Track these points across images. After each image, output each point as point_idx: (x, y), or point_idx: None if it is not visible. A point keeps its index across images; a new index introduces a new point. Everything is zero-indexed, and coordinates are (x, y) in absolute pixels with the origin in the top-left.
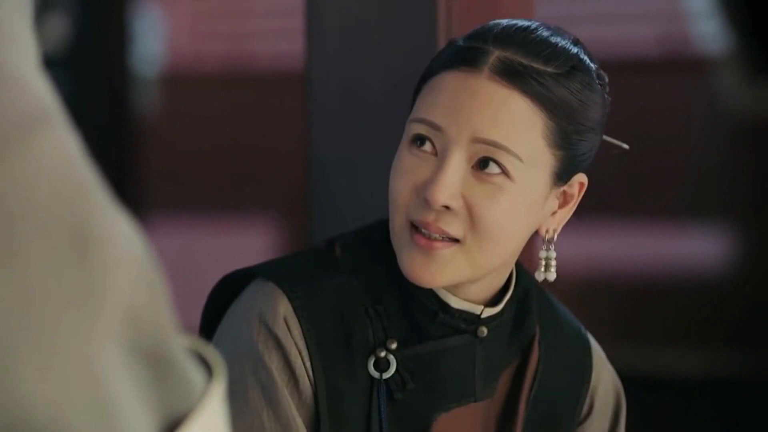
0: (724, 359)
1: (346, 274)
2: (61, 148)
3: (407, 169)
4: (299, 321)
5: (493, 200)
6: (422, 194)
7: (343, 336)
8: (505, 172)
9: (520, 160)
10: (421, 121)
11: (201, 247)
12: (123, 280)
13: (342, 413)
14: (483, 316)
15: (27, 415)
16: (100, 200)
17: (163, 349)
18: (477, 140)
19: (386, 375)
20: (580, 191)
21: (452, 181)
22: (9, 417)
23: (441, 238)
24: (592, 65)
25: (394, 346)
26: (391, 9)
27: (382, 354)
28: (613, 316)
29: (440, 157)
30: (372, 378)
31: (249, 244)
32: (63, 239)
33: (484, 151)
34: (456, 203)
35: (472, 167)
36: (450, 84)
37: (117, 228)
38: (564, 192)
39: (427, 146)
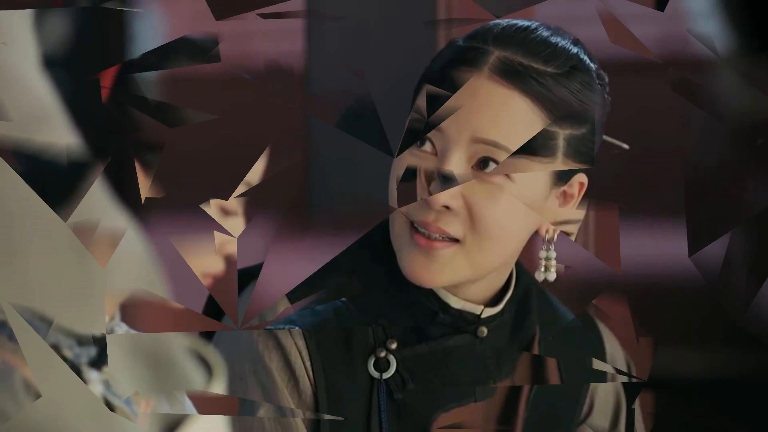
0: (724, 359)
1: (347, 274)
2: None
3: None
4: None
5: (493, 200)
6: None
7: (343, 336)
8: None
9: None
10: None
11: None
12: (123, 280)
13: (342, 413)
14: (483, 316)
15: (27, 414)
16: (100, 200)
17: (163, 349)
18: (477, 140)
19: (386, 375)
20: (580, 191)
21: None
22: (9, 417)
23: (441, 238)
24: (592, 65)
25: (394, 346)
26: (391, 9)
27: (382, 354)
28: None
29: (440, 157)
30: (372, 378)
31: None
32: (63, 239)
33: (484, 150)
34: (456, 203)
35: (472, 167)
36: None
37: (117, 228)
38: (564, 192)
39: (427, 146)
